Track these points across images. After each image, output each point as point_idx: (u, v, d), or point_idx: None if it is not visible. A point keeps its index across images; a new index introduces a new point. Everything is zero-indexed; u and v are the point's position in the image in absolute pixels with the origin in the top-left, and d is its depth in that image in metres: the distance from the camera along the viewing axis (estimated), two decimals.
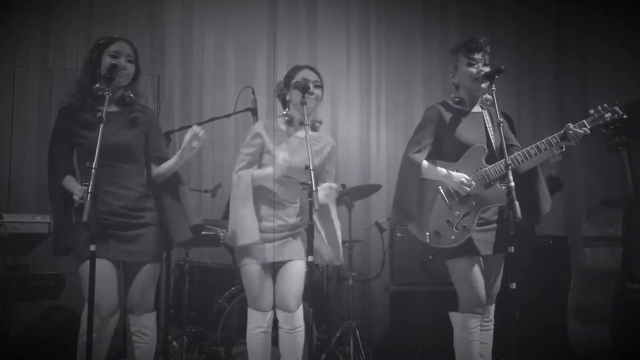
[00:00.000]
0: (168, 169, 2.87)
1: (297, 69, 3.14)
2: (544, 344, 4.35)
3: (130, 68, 2.84)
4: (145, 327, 2.83)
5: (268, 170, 2.99)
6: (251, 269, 3.03)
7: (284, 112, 3.15)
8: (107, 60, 2.78)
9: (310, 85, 3.01)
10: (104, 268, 2.70)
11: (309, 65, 3.20)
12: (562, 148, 2.91)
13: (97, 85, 2.73)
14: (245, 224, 2.97)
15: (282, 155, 2.92)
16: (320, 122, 3.21)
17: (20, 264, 3.92)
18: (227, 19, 5.43)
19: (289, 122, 3.13)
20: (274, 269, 3.07)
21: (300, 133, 3.10)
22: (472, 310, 2.92)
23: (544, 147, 2.90)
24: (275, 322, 3.05)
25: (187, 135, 2.76)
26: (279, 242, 3.03)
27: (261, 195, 3.06)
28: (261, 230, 3.02)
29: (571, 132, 2.85)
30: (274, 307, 3.06)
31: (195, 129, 2.75)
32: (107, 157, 2.72)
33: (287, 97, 3.12)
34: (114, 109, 2.84)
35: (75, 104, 2.80)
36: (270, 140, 3.07)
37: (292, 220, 3.07)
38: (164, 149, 2.96)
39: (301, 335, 3.02)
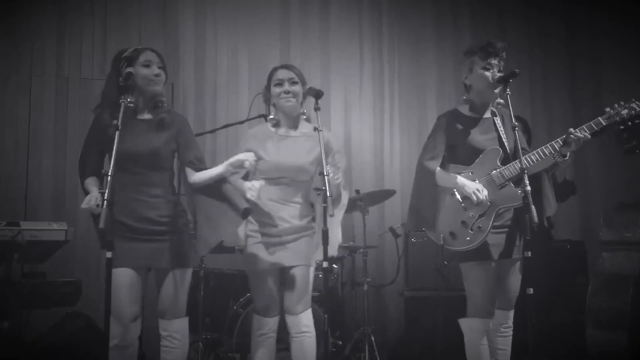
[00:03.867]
0: (208, 179, 2.89)
1: (273, 70, 3.15)
2: (561, 348, 4.31)
3: (163, 75, 2.87)
4: (176, 332, 2.84)
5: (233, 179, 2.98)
6: (255, 273, 3.05)
7: (271, 116, 3.16)
8: (142, 71, 2.80)
9: (286, 84, 3.04)
10: (127, 276, 2.72)
11: (286, 64, 3.19)
12: (564, 156, 2.88)
13: (128, 99, 2.72)
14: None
15: (249, 154, 2.90)
16: (306, 116, 3.17)
17: (37, 271, 3.95)
18: (239, 25, 5.47)
19: (276, 124, 3.14)
20: (281, 273, 3.06)
21: (290, 132, 3.11)
22: (479, 314, 2.92)
23: (548, 151, 2.88)
24: (285, 326, 3.05)
25: (234, 158, 2.83)
26: (284, 246, 3.01)
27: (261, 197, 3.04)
28: (265, 235, 3.02)
29: (572, 136, 2.83)
30: (280, 313, 3.05)
31: (241, 156, 2.84)
32: (136, 164, 2.76)
33: (272, 101, 3.14)
34: (146, 116, 2.87)
35: (108, 118, 2.77)
36: (258, 144, 3.07)
37: (297, 221, 3.04)
38: (198, 153, 2.95)
39: (309, 342, 2.98)
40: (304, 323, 2.98)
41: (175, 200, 2.89)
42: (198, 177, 2.89)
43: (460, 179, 2.92)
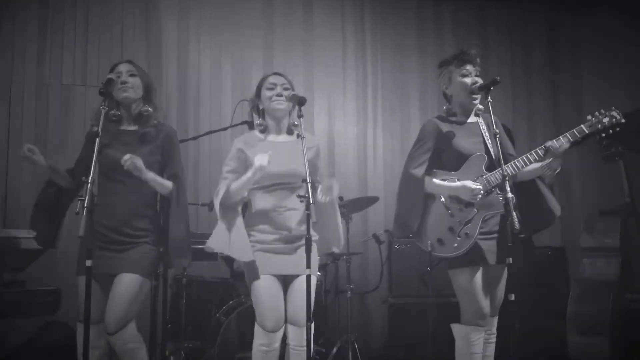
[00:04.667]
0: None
1: (264, 77, 3.15)
2: (543, 354, 4.33)
3: (134, 81, 2.88)
4: (130, 342, 2.76)
5: (241, 179, 2.93)
6: (259, 285, 2.92)
7: (258, 122, 3.13)
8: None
9: (279, 87, 3.03)
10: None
11: (277, 72, 3.19)
12: (555, 170, 2.88)
13: (112, 111, 2.79)
14: (239, 245, 2.91)
15: (257, 161, 2.87)
16: (297, 125, 3.11)
17: (17, 279, 3.89)
18: (222, 32, 5.46)
19: (264, 130, 3.12)
20: (284, 282, 2.97)
21: (279, 138, 3.09)
22: (475, 322, 2.90)
23: (533, 157, 2.89)
24: (284, 337, 2.96)
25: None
26: (287, 255, 2.95)
27: (255, 207, 3.01)
28: (264, 243, 2.96)
29: (550, 144, 2.84)
30: (285, 324, 2.95)
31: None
32: (121, 173, 2.77)
33: (260, 107, 3.12)
34: (132, 127, 2.91)
35: (94, 129, 2.79)
36: (251, 152, 3.01)
37: (297, 228, 2.96)
38: (174, 167, 2.94)
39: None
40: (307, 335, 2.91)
41: (153, 213, 2.89)
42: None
43: (451, 185, 2.92)
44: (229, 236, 2.91)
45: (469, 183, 2.88)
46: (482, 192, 2.86)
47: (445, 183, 2.95)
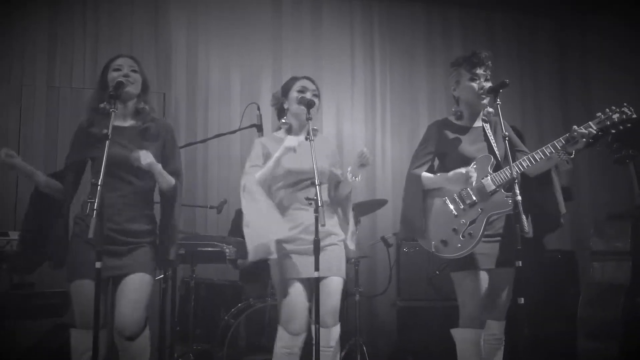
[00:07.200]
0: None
1: (294, 79, 3.14)
2: (553, 358, 4.30)
3: (135, 77, 2.84)
4: (147, 348, 2.72)
5: (267, 165, 2.95)
6: (287, 288, 2.90)
7: (282, 121, 3.14)
8: (112, 75, 2.80)
9: (309, 93, 3.05)
10: (88, 288, 2.60)
11: (305, 75, 3.19)
12: (570, 154, 2.84)
13: (102, 104, 2.74)
14: (272, 227, 2.87)
15: (287, 142, 2.89)
16: (316, 130, 3.13)
17: (26, 282, 3.91)
18: (231, 36, 5.48)
19: (288, 130, 3.13)
20: (310, 285, 2.94)
21: (300, 138, 3.04)
22: (471, 324, 2.91)
23: (549, 151, 2.84)
24: (310, 339, 2.91)
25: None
26: (312, 256, 2.84)
27: (280, 206, 2.99)
28: (293, 243, 2.92)
29: (576, 133, 2.79)
30: (308, 328, 2.94)
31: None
32: (118, 168, 2.72)
33: (285, 106, 3.12)
34: (129, 122, 2.86)
35: (86, 123, 2.82)
36: (273, 148, 3.01)
37: (324, 225, 2.85)
38: (177, 165, 2.90)
39: (335, 357, 2.93)
40: (333, 337, 2.92)
41: (151, 214, 2.86)
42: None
43: (445, 175, 2.91)
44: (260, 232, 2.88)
45: (461, 169, 2.86)
46: (475, 175, 2.84)
47: (440, 175, 2.93)
